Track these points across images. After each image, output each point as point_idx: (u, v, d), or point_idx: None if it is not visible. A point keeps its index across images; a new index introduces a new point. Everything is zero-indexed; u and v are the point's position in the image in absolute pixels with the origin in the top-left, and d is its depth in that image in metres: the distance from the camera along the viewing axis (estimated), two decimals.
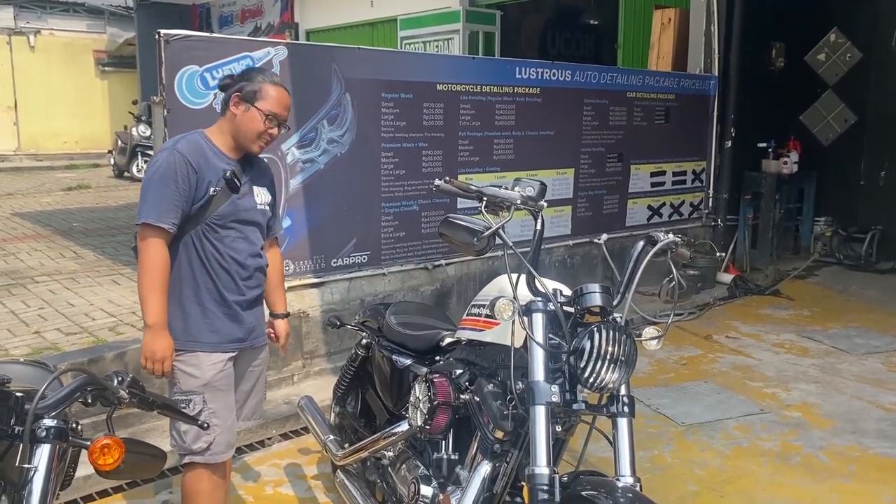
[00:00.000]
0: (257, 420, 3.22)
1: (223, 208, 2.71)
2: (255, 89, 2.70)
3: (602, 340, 2.08)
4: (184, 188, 2.61)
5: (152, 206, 2.60)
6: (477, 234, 2.18)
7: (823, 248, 8.34)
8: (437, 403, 2.47)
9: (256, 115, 2.69)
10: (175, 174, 2.60)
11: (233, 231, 2.74)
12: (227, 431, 2.79)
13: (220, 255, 2.72)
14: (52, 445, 1.66)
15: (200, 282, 2.72)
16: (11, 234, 8.62)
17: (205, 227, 2.69)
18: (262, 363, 3.02)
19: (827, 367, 5.29)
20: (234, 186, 2.72)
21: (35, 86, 18.10)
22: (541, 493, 1.99)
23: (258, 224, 2.85)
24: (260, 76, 2.75)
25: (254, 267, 2.83)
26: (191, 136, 2.77)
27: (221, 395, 2.75)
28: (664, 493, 3.56)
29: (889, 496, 3.55)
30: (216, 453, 2.76)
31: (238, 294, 2.78)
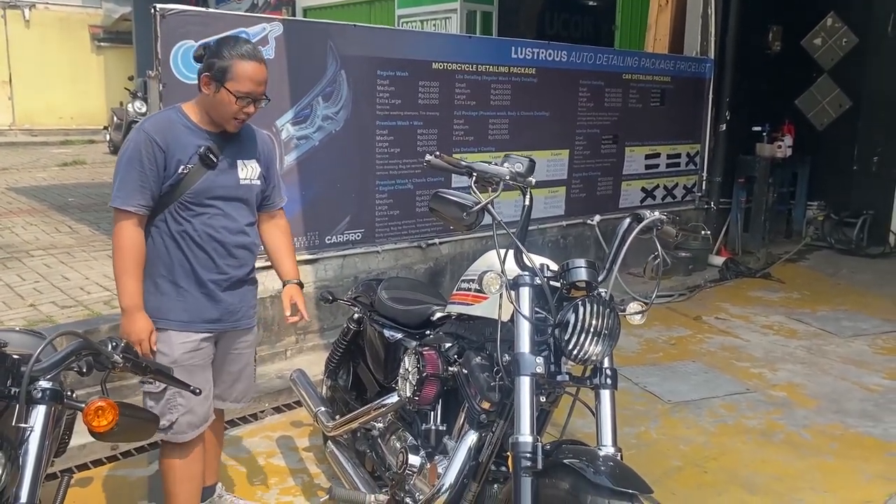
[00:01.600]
0: (246, 403, 3.09)
1: (198, 185, 2.61)
2: (225, 67, 2.53)
3: (586, 314, 2.12)
4: (150, 168, 2.53)
5: (119, 188, 2.55)
6: (466, 208, 2.22)
7: (815, 232, 8.41)
8: (425, 375, 2.52)
9: (227, 96, 2.55)
10: (140, 154, 2.53)
11: (211, 208, 2.65)
12: (191, 413, 2.72)
13: (196, 232, 2.65)
14: (47, 406, 1.71)
15: (175, 259, 2.66)
16: (6, 209, 8.63)
17: (178, 206, 2.61)
18: (250, 345, 2.94)
19: (814, 348, 5.36)
20: (209, 163, 2.62)
21: (30, 60, 18.00)
22: (524, 461, 2.05)
23: (243, 200, 2.75)
24: (229, 51, 2.56)
25: (235, 244, 2.73)
26: (164, 112, 2.71)
27: (189, 374, 2.63)
28: (649, 468, 3.62)
29: (868, 473, 3.62)
30: (178, 433, 2.73)
31: (216, 273, 2.71)
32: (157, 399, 2.69)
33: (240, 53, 2.55)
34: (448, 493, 2.38)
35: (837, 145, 8.48)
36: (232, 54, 2.54)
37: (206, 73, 2.57)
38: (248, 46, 2.61)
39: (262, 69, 2.61)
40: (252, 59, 2.57)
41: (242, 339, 2.89)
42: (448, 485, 2.38)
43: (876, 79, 8.22)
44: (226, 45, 2.58)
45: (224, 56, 2.54)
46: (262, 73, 2.60)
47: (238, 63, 2.54)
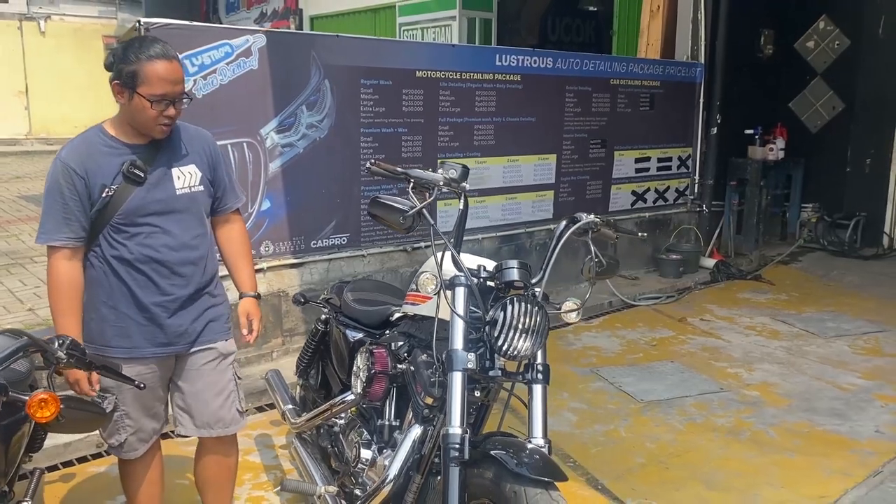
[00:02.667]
0: (225, 430, 2.78)
1: (127, 205, 2.47)
2: (133, 71, 2.37)
3: (515, 312, 2.23)
4: (72, 198, 2.40)
5: (43, 223, 2.45)
6: (403, 213, 2.33)
7: (809, 234, 8.43)
8: (374, 372, 2.64)
9: (141, 102, 2.39)
10: (59, 185, 2.40)
11: (146, 226, 2.51)
12: (139, 431, 2.70)
13: (132, 255, 2.50)
14: None
15: (113, 285, 2.53)
16: (15, 216, 8.88)
17: (111, 229, 2.48)
18: (216, 362, 2.74)
19: (794, 349, 5.42)
20: (136, 178, 2.45)
21: (45, 71, 18.35)
22: (452, 451, 2.16)
23: (184, 211, 2.58)
24: (136, 53, 2.38)
25: (179, 262, 2.57)
26: (83, 134, 2.53)
27: (136, 396, 2.60)
28: (613, 465, 3.73)
29: (828, 469, 3.69)
30: (128, 451, 2.72)
31: (160, 295, 2.56)
32: (107, 419, 2.64)
33: (148, 55, 2.38)
34: (392, 483, 2.50)
35: (831, 147, 8.50)
36: (139, 57, 2.37)
37: (116, 80, 2.41)
38: (156, 46, 2.42)
39: (175, 67, 2.44)
40: (162, 57, 2.39)
41: (204, 358, 2.71)
42: (392, 476, 2.50)
43: (868, 81, 8.24)
44: (132, 49, 2.40)
45: (131, 60, 2.37)
46: (175, 72, 2.43)
47: (147, 65, 2.37)
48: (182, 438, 2.99)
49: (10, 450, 2.38)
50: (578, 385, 4.73)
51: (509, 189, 6.28)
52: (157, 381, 2.68)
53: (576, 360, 5.19)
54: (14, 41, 18.33)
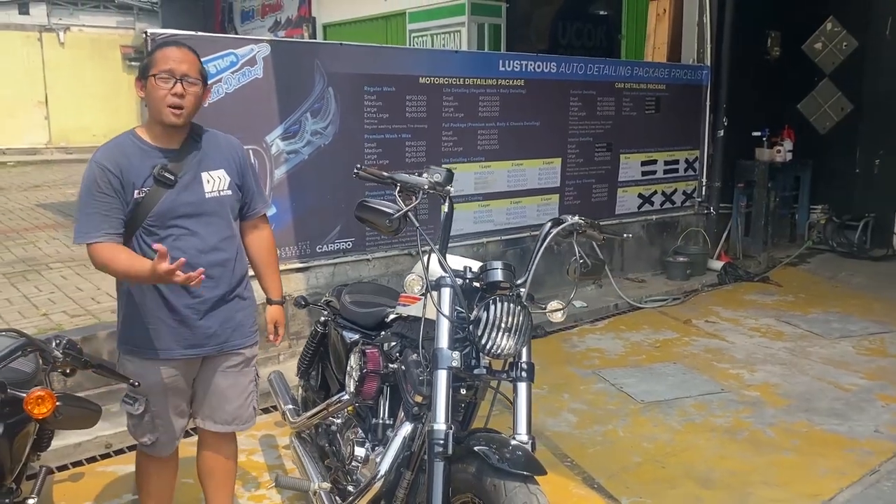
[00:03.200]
0: (241, 426, 2.92)
1: (158, 207, 2.53)
2: (147, 62, 2.54)
3: (498, 311, 2.29)
4: (110, 196, 2.48)
5: (81, 224, 2.51)
6: (389, 216, 2.41)
7: (818, 235, 8.42)
8: (366, 371, 2.72)
9: (152, 84, 2.50)
10: (98, 185, 2.48)
11: (176, 229, 2.56)
12: (169, 431, 2.77)
13: None
14: None
15: (143, 287, 2.58)
16: (33, 224, 9.05)
17: (142, 232, 2.54)
18: (239, 366, 2.83)
19: (797, 350, 5.43)
20: (166, 182, 2.52)
21: (64, 81, 18.67)
22: (437, 447, 2.22)
23: (213, 214, 2.64)
24: (152, 50, 2.60)
25: (210, 264, 2.60)
26: (116, 138, 2.62)
27: (165, 399, 2.69)
28: (608, 464, 3.78)
29: (824, 468, 3.72)
30: (160, 448, 2.80)
31: (190, 297, 2.61)
32: (138, 420, 2.74)
33: (160, 46, 2.58)
34: (383, 479, 2.56)
35: (840, 148, 8.49)
36: (153, 50, 2.59)
37: (137, 79, 2.58)
38: (170, 41, 2.62)
39: (183, 51, 2.55)
40: (172, 45, 2.56)
41: (230, 362, 2.80)
42: (383, 472, 2.56)
43: (876, 81, 8.23)
44: (150, 49, 2.67)
45: (147, 56, 2.60)
46: (184, 54, 2.53)
47: (157, 52, 2.54)
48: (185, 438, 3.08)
49: (15, 448, 2.47)
50: (580, 386, 4.78)
51: (514, 193, 6.34)
52: (183, 381, 2.75)
53: (578, 361, 5.24)
54: (34, 53, 18.67)
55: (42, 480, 2.68)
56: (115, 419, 4.18)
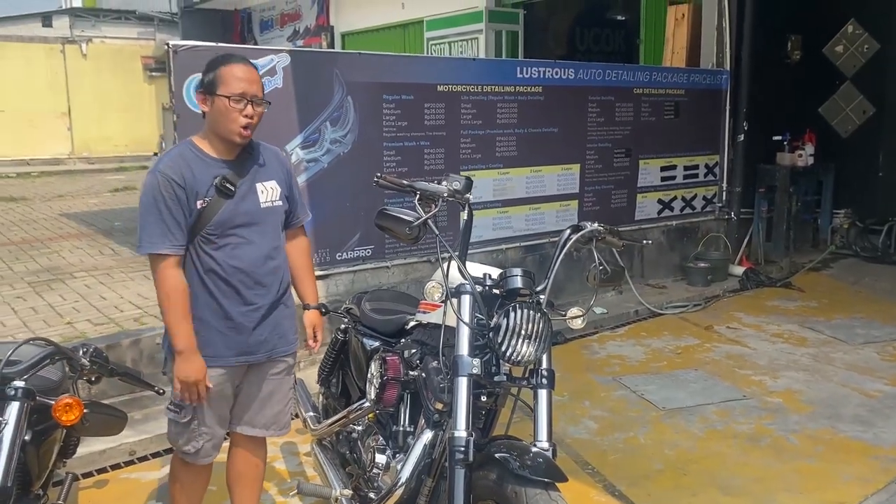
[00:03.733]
0: (279, 432, 2.99)
1: (218, 217, 2.59)
2: (213, 77, 2.56)
3: (518, 318, 2.30)
4: (174, 206, 2.53)
5: (147, 234, 2.55)
6: (408, 224, 2.42)
7: (841, 240, 8.34)
8: (386, 379, 2.73)
9: (222, 103, 2.54)
10: (161, 196, 2.52)
11: (233, 238, 2.63)
12: (214, 439, 2.79)
13: (219, 265, 2.62)
14: (20, 403, 1.97)
15: (199, 295, 2.63)
16: (56, 234, 9.17)
17: (200, 240, 2.60)
18: (281, 373, 2.91)
19: (820, 356, 5.38)
20: (226, 192, 2.59)
21: (87, 92, 18.96)
22: (458, 454, 2.23)
23: (267, 223, 2.72)
24: (216, 62, 2.60)
25: (264, 272, 2.70)
26: (176, 148, 2.69)
27: (213, 405, 2.72)
28: (630, 471, 3.76)
29: (849, 475, 3.68)
30: (203, 457, 2.80)
31: (243, 304, 2.67)
32: (183, 428, 2.73)
33: (225, 62, 2.59)
34: (404, 487, 2.57)
35: (862, 152, 8.41)
36: (218, 64, 2.59)
37: (199, 92, 2.62)
38: (234, 56, 2.64)
39: (251, 69, 2.62)
40: (237, 61, 2.59)
41: (275, 368, 2.87)
42: (404, 479, 2.57)
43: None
44: (212, 62, 2.62)
45: (211, 69, 2.59)
46: (251, 73, 2.60)
47: (223, 69, 2.56)
48: None
49: (43, 455, 2.51)
50: (601, 393, 4.77)
51: (533, 199, 6.34)
52: (230, 387, 2.78)
53: (599, 368, 5.22)
54: (57, 64, 18.97)
55: (68, 487, 2.73)
56: (139, 426, 4.24)
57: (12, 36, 19.11)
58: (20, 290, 6.31)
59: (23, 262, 7.47)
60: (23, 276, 6.81)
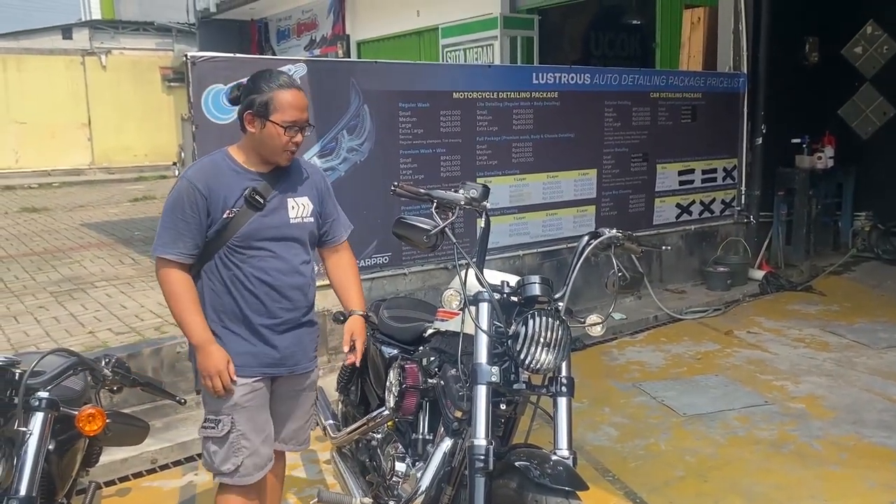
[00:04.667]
0: (298, 447, 2.96)
1: (245, 228, 2.58)
2: (266, 101, 2.52)
3: (536, 326, 2.29)
4: (192, 216, 2.52)
5: (161, 237, 2.55)
6: (426, 232, 2.43)
7: (862, 243, 8.25)
8: (405, 387, 2.73)
9: (274, 129, 2.54)
10: (183, 202, 2.53)
11: (261, 251, 2.61)
12: (255, 454, 2.67)
13: (245, 276, 2.60)
14: (44, 413, 2.00)
15: (225, 304, 2.62)
16: (77, 244, 9.27)
17: (227, 250, 2.59)
18: (306, 389, 2.88)
19: (843, 360, 5.32)
20: (256, 204, 2.57)
21: (106, 103, 19.18)
22: (477, 462, 2.23)
23: (296, 239, 2.69)
24: (267, 83, 2.55)
25: (289, 286, 2.67)
26: (210, 156, 2.68)
27: (250, 415, 2.65)
28: (651, 478, 3.74)
29: (873, 481, 3.63)
30: (244, 475, 2.66)
31: (268, 317, 2.65)
32: (220, 444, 2.63)
33: (279, 84, 2.55)
34: (424, 495, 2.57)
35: (883, 154, 8.32)
36: (271, 87, 2.54)
37: (249, 110, 2.56)
38: (284, 77, 2.61)
39: (302, 95, 2.61)
40: (291, 87, 2.58)
41: (299, 383, 2.84)
42: (424, 488, 2.57)
43: None
44: (262, 79, 2.57)
45: (263, 90, 2.53)
46: (303, 100, 2.60)
47: (279, 94, 2.53)
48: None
49: (66, 464, 2.54)
50: (620, 400, 4.74)
51: (550, 205, 6.33)
52: (262, 400, 2.71)
53: (619, 375, 5.19)
54: (77, 76, 19.22)
55: (91, 495, 2.75)
56: (161, 435, 4.27)
57: (33, 49, 19.40)
58: (42, 300, 6.39)
59: (45, 272, 7.56)
60: (45, 286, 6.89)
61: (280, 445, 2.88)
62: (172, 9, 20.61)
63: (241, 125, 2.61)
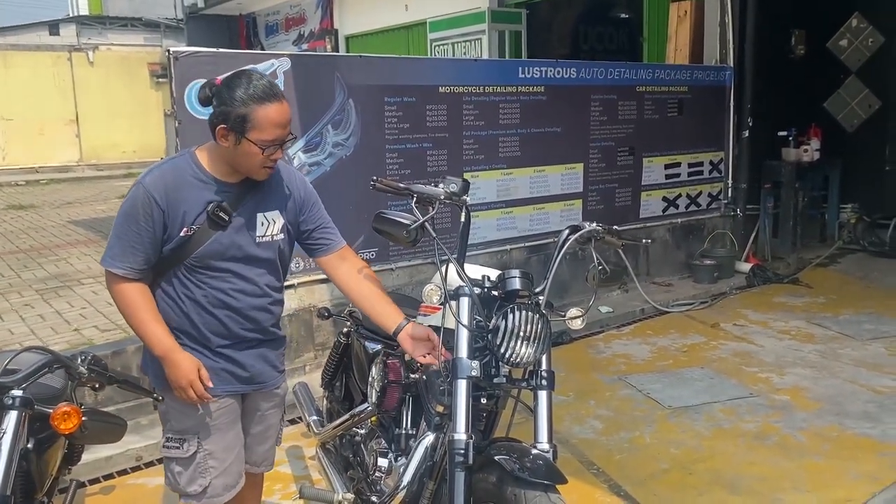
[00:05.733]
0: (267, 468, 2.80)
1: (204, 248, 2.32)
2: (244, 115, 2.20)
3: (516, 320, 2.29)
4: (146, 229, 2.26)
5: (112, 247, 2.30)
6: (406, 227, 2.42)
7: (848, 235, 8.30)
8: (387, 382, 2.74)
9: (251, 148, 2.24)
10: (137, 213, 2.26)
11: (223, 272, 2.37)
12: (224, 474, 2.49)
13: (206, 298, 2.37)
14: (18, 412, 1.98)
15: (184, 324, 2.40)
16: (65, 241, 9.23)
17: (184, 268, 2.34)
18: (274, 407, 2.70)
19: (828, 352, 5.35)
20: (220, 222, 2.31)
21: (94, 99, 19.06)
22: (457, 456, 2.23)
23: (262, 258, 2.44)
24: (244, 93, 2.21)
25: (253, 308, 2.45)
26: (174, 160, 2.39)
27: (218, 434, 2.47)
28: (636, 471, 3.75)
29: (856, 472, 3.65)
30: (213, 496, 2.48)
31: (228, 339, 2.44)
32: (186, 464, 2.45)
33: (258, 96, 2.21)
34: (406, 490, 2.57)
35: (869, 146, 8.37)
36: (247, 98, 2.21)
37: (223, 125, 2.23)
38: (263, 84, 2.26)
39: (285, 107, 2.30)
40: (272, 99, 2.25)
41: (266, 402, 2.66)
42: (406, 482, 2.57)
43: None
44: (238, 87, 2.22)
45: (238, 101, 2.20)
46: (286, 114, 2.30)
47: (258, 109, 2.21)
48: None
49: (46, 463, 2.53)
50: (606, 393, 4.75)
51: (537, 199, 6.33)
52: (233, 416, 2.54)
53: (604, 367, 5.20)
54: (65, 72, 19.08)
55: (73, 494, 2.74)
56: (146, 432, 4.26)
57: (20, 45, 19.28)
58: (28, 298, 6.36)
59: (31, 269, 7.53)
60: (31, 284, 6.86)
61: (252, 469, 2.71)
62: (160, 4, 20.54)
63: (213, 134, 2.29)
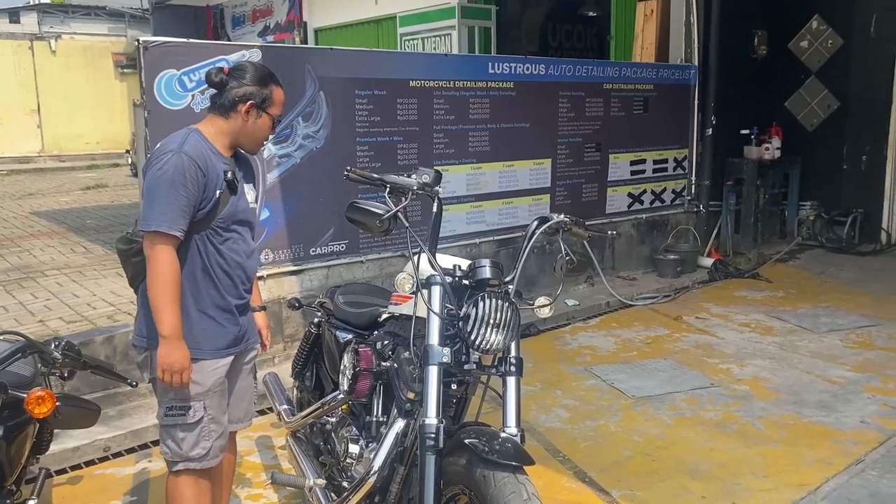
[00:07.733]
0: (247, 424, 3.02)
1: (226, 210, 2.63)
2: (266, 95, 2.64)
3: (486, 308, 2.35)
4: (193, 192, 2.51)
5: (162, 212, 2.48)
6: (379, 216, 2.47)
7: (807, 231, 8.52)
8: (359, 370, 2.77)
9: (268, 121, 2.67)
10: (185, 178, 2.49)
11: (234, 233, 2.69)
12: (222, 436, 2.75)
13: (223, 259, 2.66)
14: None
15: (203, 287, 2.64)
16: (27, 232, 9.08)
17: (210, 232, 2.62)
18: (251, 363, 2.95)
19: (786, 344, 5.51)
20: (233, 187, 2.64)
21: (57, 89, 18.74)
22: (428, 441, 2.28)
23: (251, 224, 2.80)
24: (270, 78, 2.68)
25: (251, 269, 2.79)
26: (192, 136, 2.61)
27: (219, 399, 2.71)
28: (600, 458, 3.84)
29: (811, 458, 3.79)
30: (212, 458, 2.71)
31: (237, 297, 2.73)
32: (190, 429, 2.64)
33: (274, 79, 2.71)
34: (377, 475, 2.62)
35: (827, 145, 8.60)
36: (271, 82, 2.68)
37: (250, 100, 2.62)
38: (270, 70, 2.74)
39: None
40: (279, 83, 2.74)
41: (248, 357, 2.91)
42: (377, 468, 2.62)
43: (862, 79, 8.35)
44: (265, 75, 2.68)
45: (266, 84, 2.65)
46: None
47: (276, 89, 2.69)
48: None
49: (16, 450, 2.53)
50: (572, 383, 4.85)
51: (506, 194, 6.41)
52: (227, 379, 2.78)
53: (571, 359, 5.30)
54: (26, 61, 18.73)
55: (41, 483, 2.74)
56: (113, 423, 4.25)
57: None
58: None
59: None
60: None
61: (236, 425, 2.93)
62: None
63: (225, 111, 2.62)
